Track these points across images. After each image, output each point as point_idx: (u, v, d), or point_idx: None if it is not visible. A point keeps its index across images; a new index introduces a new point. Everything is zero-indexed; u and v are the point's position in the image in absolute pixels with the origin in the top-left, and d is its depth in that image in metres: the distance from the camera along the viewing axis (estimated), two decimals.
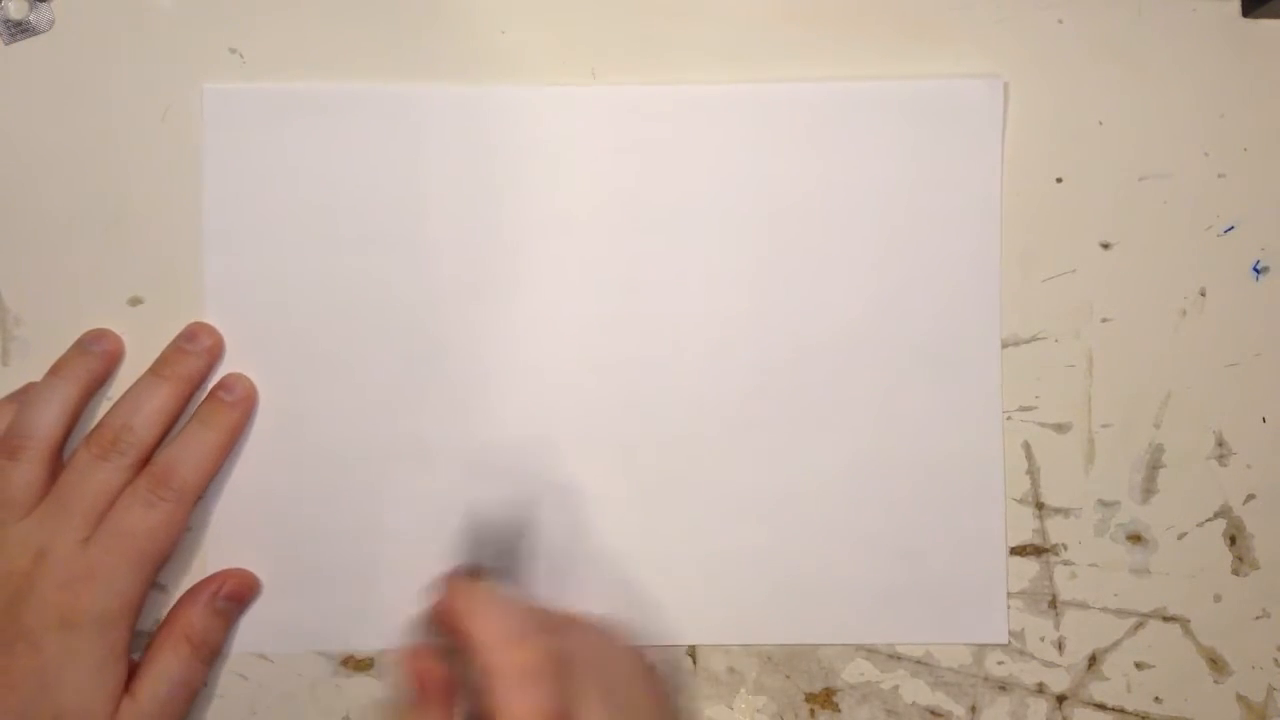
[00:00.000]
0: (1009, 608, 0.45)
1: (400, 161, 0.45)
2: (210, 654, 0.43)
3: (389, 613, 0.44)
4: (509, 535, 0.44)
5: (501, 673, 0.35)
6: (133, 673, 0.42)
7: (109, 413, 0.43)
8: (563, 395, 0.45)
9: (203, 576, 0.44)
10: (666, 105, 0.45)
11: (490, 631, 0.36)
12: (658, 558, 0.45)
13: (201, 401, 0.44)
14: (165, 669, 0.42)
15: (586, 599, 0.44)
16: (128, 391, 0.44)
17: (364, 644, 0.45)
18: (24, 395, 0.44)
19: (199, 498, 0.44)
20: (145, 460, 0.43)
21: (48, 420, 0.43)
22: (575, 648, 0.37)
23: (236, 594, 0.44)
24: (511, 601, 0.38)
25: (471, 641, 0.36)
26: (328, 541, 0.45)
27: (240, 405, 0.44)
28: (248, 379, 0.45)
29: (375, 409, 0.45)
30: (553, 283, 0.45)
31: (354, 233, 0.45)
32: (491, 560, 0.42)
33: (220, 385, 0.44)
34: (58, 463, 0.43)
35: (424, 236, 0.45)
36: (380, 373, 0.45)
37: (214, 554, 0.45)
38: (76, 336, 0.45)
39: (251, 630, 0.45)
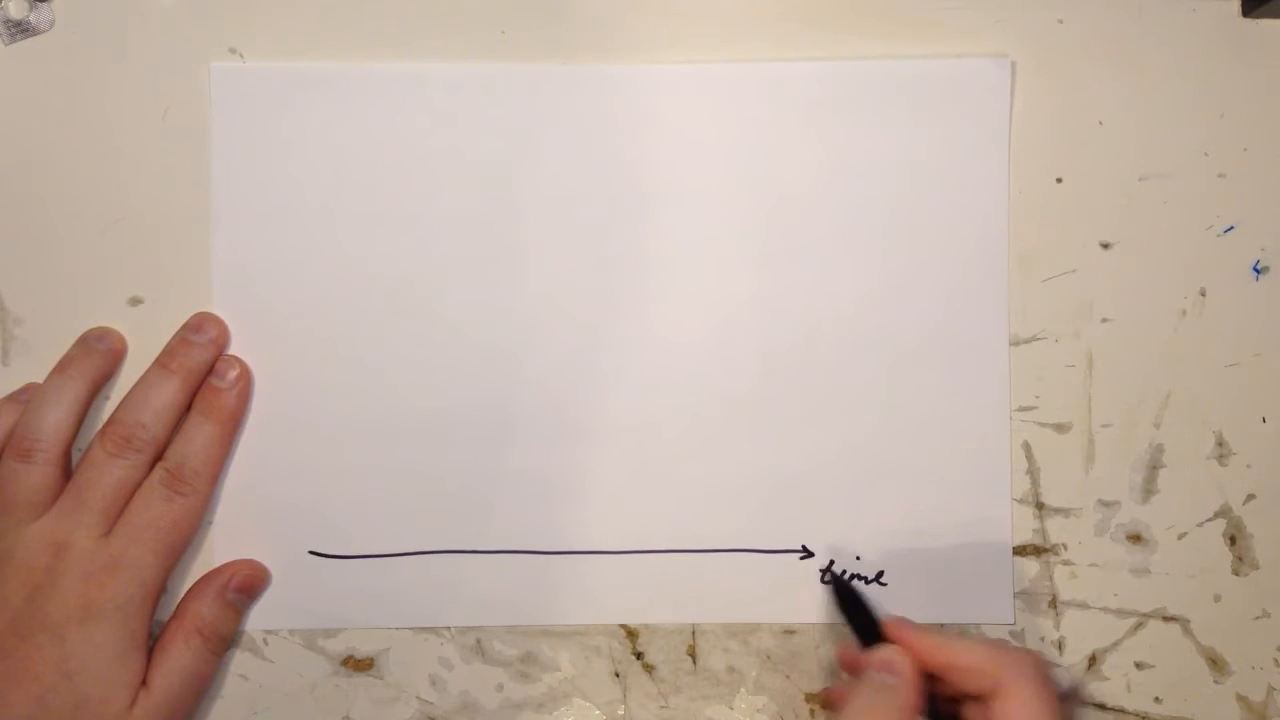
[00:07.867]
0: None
1: (406, 141, 0.45)
2: (221, 645, 0.44)
3: (398, 596, 0.45)
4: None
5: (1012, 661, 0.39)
6: (145, 665, 0.42)
7: (120, 408, 0.43)
8: (568, 375, 0.45)
9: (210, 567, 0.45)
10: (670, 83, 0.45)
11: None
12: (657, 539, 0.45)
13: (199, 392, 0.44)
14: (178, 661, 0.42)
15: (587, 579, 0.45)
16: (136, 386, 0.44)
17: (378, 620, 0.45)
18: (26, 395, 0.44)
19: (215, 485, 0.44)
20: (158, 455, 0.43)
21: (56, 420, 0.43)
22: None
23: (246, 586, 0.44)
24: None
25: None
26: (336, 527, 0.45)
27: (236, 387, 0.44)
28: (240, 361, 0.45)
29: (383, 392, 0.45)
30: (559, 262, 0.45)
31: (360, 213, 0.45)
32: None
33: (213, 372, 0.44)
34: (68, 461, 0.43)
35: (430, 216, 0.45)
36: (387, 356, 0.45)
37: (222, 544, 0.45)
38: (76, 336, 0.45)
39: (260, 612, 0.45)
